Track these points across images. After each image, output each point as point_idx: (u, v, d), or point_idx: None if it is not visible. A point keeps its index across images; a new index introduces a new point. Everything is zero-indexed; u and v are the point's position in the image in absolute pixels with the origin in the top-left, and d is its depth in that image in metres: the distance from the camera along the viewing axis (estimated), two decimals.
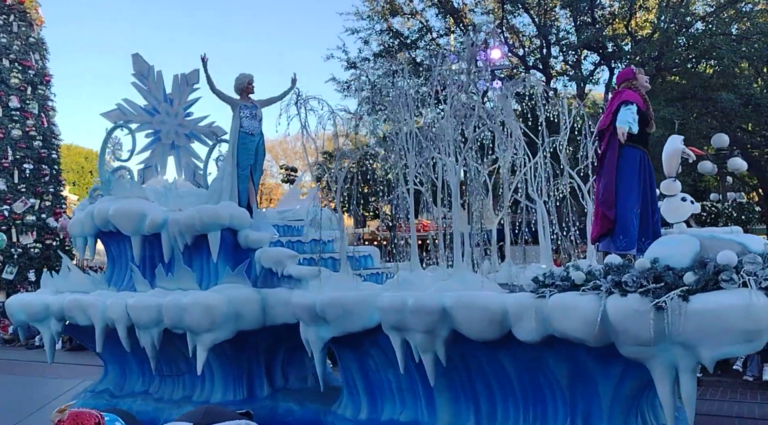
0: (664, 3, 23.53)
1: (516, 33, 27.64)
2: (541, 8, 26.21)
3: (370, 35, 27.99)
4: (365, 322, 5.72)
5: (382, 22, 28.33)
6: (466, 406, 5.57)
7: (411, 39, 28.10)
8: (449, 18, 27.61)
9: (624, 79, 5.55)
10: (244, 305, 6.63)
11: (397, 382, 5.98)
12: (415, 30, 28.60)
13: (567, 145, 6.81)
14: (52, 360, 7.85)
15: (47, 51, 23.25)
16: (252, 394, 7.21)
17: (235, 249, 7.30)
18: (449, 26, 28.30)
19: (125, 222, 7.48)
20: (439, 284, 5.46)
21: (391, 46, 27.94)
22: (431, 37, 28.32)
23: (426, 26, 28.13)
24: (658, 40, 22.30)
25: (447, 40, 28.85)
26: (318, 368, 6.12)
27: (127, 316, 6.86)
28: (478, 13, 28.20)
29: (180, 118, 9.00)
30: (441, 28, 28.42)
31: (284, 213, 8.38)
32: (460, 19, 27.63)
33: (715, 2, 24.09)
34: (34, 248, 21.93)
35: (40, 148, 22.04)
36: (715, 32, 21.35)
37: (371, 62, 28.05)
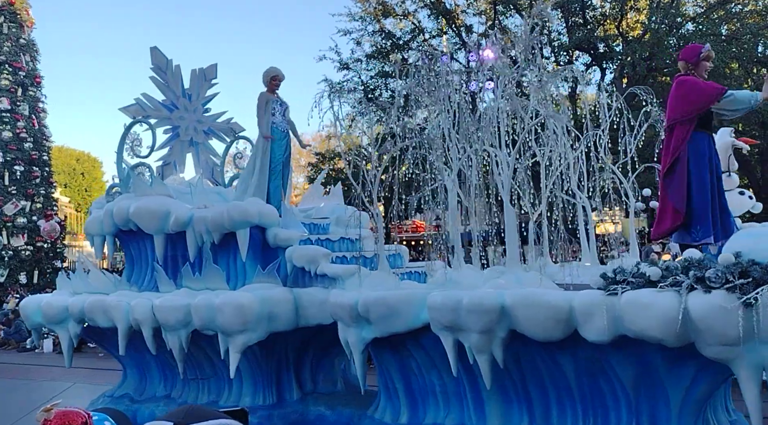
0: (654, 4, 23.64)
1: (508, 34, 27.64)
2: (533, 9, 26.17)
3: (363, 36, 27.94)
4: (411, 322, 5.47)
5: (374, 23, 28.27)
6: (519, 410, 5.34)
7: (403, 40, 28.00)
8: (441, 19, 27.57)
9: (685, 57, 5.34)
10: (277, 305, 6.38)
11: (442, 385, 5.75)
12: (408, 31, 28.55)
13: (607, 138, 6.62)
14: (70, 364, 7.54)
15: (38, 52, 22.94)
16: (281, 398, 6.95)
17: (263, 247, 7.05)
18: (441, 27, 28.26)
19: (148, 220, 7.20)
20: (493, 282, 5.23)
21: (384, 47, 27.84)
22: (423, 37, 28.25)
23: (418, 27, 28.09)
24: (649, 40, 22.41)
25: (439, 40, 28.80)
26: (358, 370, 5.87)
27: (153, 317, 6.59)
28: (471, 14, 28.22)
29: (198, 113, 8.74)
30: (433, 29, 28.40)
31: (308, 211, 8.13)
32: (452, 20, 27.60)
33: (705, 3, 24.28)
34: (24, 250, 21.51)
35: (31, 150, 21.68)
36: (705, 33, 21.51)
37: (364, 63, 27.97)
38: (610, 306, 4.37)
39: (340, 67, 27.73)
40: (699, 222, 4.97)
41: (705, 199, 4.98)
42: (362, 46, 27.74)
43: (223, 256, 7.08)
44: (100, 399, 7.71)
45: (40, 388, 11.19)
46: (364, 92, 28.01)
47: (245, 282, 6.88)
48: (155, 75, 8.38)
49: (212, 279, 6.70)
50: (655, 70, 22.76)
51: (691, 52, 5.45)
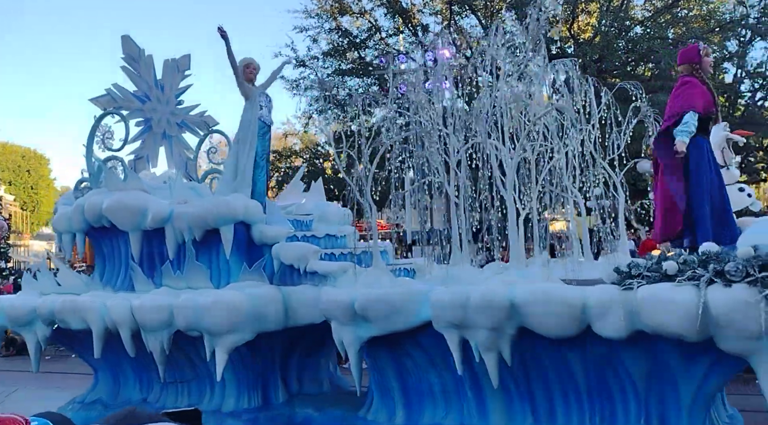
0: (604, 8, 24.07)
1: (463, 34, 27.76)
2: (488, 10, 26.43)
3: (319, 34, 27.60)
4: (412, 320, 5.32)
5: (330, 21, 27.97)
6: (522, 408, 5.25)
7: (360, 38, 27.81)
8: (398, 18, 27.47)
9: (687, 60, 5.30)
10: (266, 304, 6.13)
11: (441, 384, 5.62)
12: (364, 29, 28.35)
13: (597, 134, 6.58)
14: (38, 368, 7.12)
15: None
16: (267, 401, 6.70)
17: (247, 244, 6.78)
18: (398, 26, 28.18)
19: (123, 216, 6.85)
20: (497, 278, 5.11)
21: (341, 45, 27.62)
22: (380, 36, 28.12)
23: (375, 26, 27.90)
24: (599, 43, 22.83)
25: (396, 39, 28.74)
26: (354, 371, 5.68)
27: (132, 318, 6.25)
28: (427, 13, 28.23)
29: (171, 105, 8.37)
30: (390, 28, 28.28)
31: (289, 207, 7.88)
32: (408, 20, 27.53)
33: (652, 7, 24.85)
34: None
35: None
36: (653, 36, 22.09)
37: (320, 61, 27.67)
38: (626, 302, 4.29)
39: (296, 64, 27.34)
40: (699, 227, 4.96)
41: (705, 202, 4.98)
42: (319, 44, 27.42)
43: (204, 254, 6.78)
44: (69, 406, 7.31)
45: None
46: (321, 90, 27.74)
47: (229, 281, 6.61)
48: (127, 65, 7.99)
49: (195, 277, 6.41)
50: (605, 72, 23.18)
51: (692, 52, 5.45)
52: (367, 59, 27.55)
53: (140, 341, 6.41)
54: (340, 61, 27.54)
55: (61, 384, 11.74)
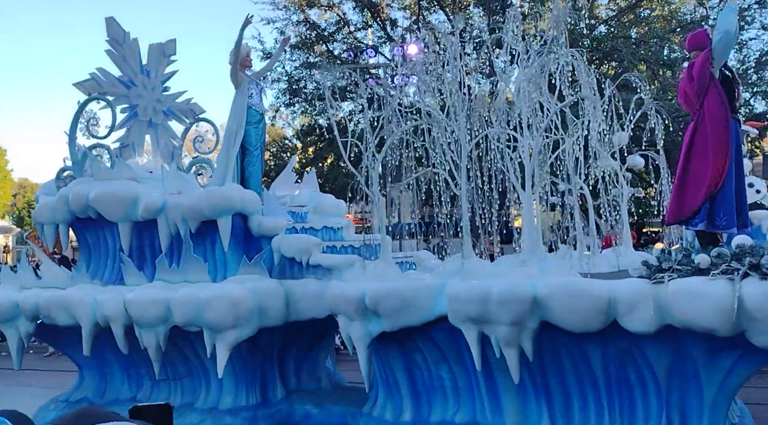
0: (570, 6, 24.27)
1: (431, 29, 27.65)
2: (456, 6, 26.40)
3: (287, 26, 27.20)
4: (425, 315, 5.16)
5: (298, 13, 27.60)
6: (537, 404, 5.14)
7: (328, 32, 27.50)
8: (367, 12, 27.24)
9: (697, 46, 5.18)
10: (268, 298, 5.89)
11: (452, 380, 5.47)
12: (333, 23, 28.04)
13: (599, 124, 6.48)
14: (20, 366, 6.73)
15: None
16: (265, 398, 6.47)
17: (245, 236, 6.52)
18: (367, 20, 27.94)
19: (112, 207, 6.52)
20: (516, 272, 4.98)
21: (308, 37, 27.27)
22: (349, 30, 27.86)
23: (343, 19, 27.63)
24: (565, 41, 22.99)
25: (365, 33, 28.50)
26: (363, 368, 5.48)
27: (125, 313, 5.95)
28: (395, 8, 28.05)
29: (157, 92, 8.02)
30: (358, 22, 28.03)
31: (282, 198, 7.62)
32: (377, 14, 27.33)
33: (616, 7, 25.16)
34: None
35: None
36: (617, 35, 22.39)
37: (288, 53, 27.27)
38: (656, 296, 4.20)
39: (263, 56, 26.87)
40: (723, 210, 4.87)
41: (731, 188, 4.89)
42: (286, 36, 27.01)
43: (198, 246, 6.48)
44: (52, 405, 6.95)
45: None
46: (288, 83, 27.34)
47: (225, 274, 6.34)
48: (111, 48, 7.60)
49: (192, 271, 6.13)
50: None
51: (702, 38, 5.32)
52: (335, 53, 27.25)
53: (131, 337, 6.11)
54: (308, 54, 27.21)
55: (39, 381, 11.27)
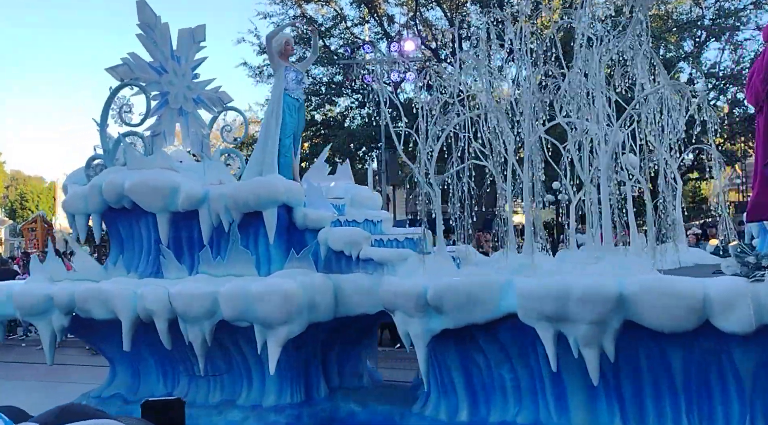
0: (567, 4, 24.08)
1: (429, 26, 27.40)
2: (453, 3, 26.11)
3: (284, 20, 26.77)
4: (491, 312, 4.87)
5: (295, 8, 27.21)
6: (608, 405, 4.86)
7: (325, 27, 27.07)
8: (364, 7, 26.85)
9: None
10: (317, 293, 5.58)
11: (514, 380, 5.19)
12: (330, 18, 27.63)
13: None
14: (52, 360, 6.36)
15: None
16: (309, 396, 6.15)
17: (288, 229, 6.18)
18: (363, 16, 27.56)
19: (150, 197, 6.17)
20: (591, 268, 4.70)
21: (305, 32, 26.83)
22: (346, 25, 27.48)
23: (340, 14, 27.27)
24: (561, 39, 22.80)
25: (361, 29, 28.10)
26: (422, 366, 5.18)
27: (169, 307, 5.60)
28: (393, 4, 27.68)
29: (188, 79, 7.62)
30: (356, 17, 27.65)
31: None
32: (374, 9, 26.95)
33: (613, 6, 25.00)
34: None
35: None
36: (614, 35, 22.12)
37: None
38: (755, 295, 3.94)
39: (260, 50, 26.43)
40: None
41: None
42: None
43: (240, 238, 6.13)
44: (83, 401, 6.57)
45: None
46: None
47: (269, 268, 6.01)
48: (142, 32, 7.20)
49: (239, 264, 5.79)
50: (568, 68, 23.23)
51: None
52: (332, 48, 26.84)
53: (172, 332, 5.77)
54: (305, 49, 26.79)
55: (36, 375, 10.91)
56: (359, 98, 26.24)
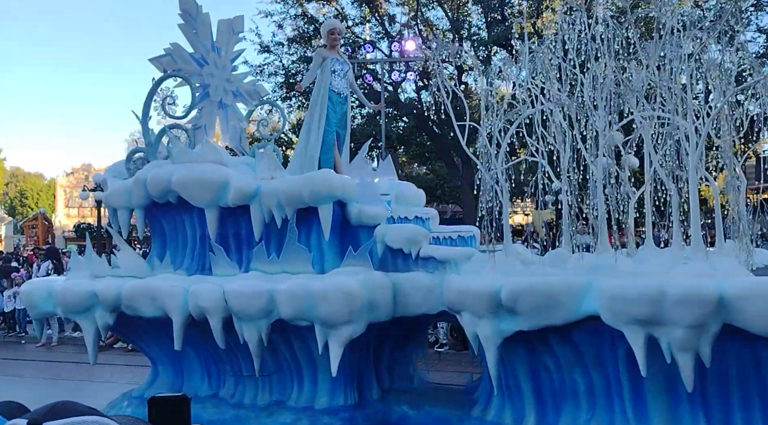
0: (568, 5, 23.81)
1: (430, 26, 27.06)
2: (454, 3, 25.78)
3: (285, 19, 26.37)
4: (570, 314, 4.54)
5: (296, 7, 26.76)
6: (692, 412, 4.54)
7: None
8: (365, 7, 26.45)
9: None
10: (377, 292, 5.23)
11: (588, 384, 4.86)
12: (331, 17, 27.18)
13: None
14: (95, 359, 5.97)
15: None
16: (362, 398, 5.79)
17: (342, 225, 5.81)
18: (365, 15, 27.17)
19: (199, 191, 5.79)
20: (680, 269, 4.38)
21: (306, 31, 26.44)
22: (347, 25, 27.05)
23: (341, 14, 26.83)
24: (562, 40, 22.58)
25: (362, 28, 27.70)
26: (492, 369, 4.85)
27: (224, 305, 5.22)
28: (394, 3, 27.31)
29: (227, 71, 7.23)
30: (357, 17, 27.25)
31: None
32: (375, 9, 26.56)
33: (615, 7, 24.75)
34: None
35: None
36: (615, 35, 21.89)
37: (285, 47, 26.44)
38: None
39: (260, 49, 26.00)
40: None
41: None
42: (284, 30, 26.16)
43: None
44: (124, 401, 6.19)
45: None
46: (285, 77, 26.43)
47: (323, 266, 5.64)
48: (184, 22, 6.80)
49: (295, 261, 5.43)
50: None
51: None
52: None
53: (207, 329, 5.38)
54: (306, 48, 26.37)
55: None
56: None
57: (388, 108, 23.55)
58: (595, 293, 4.46)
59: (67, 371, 10.88)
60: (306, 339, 5.56)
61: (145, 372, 6.70)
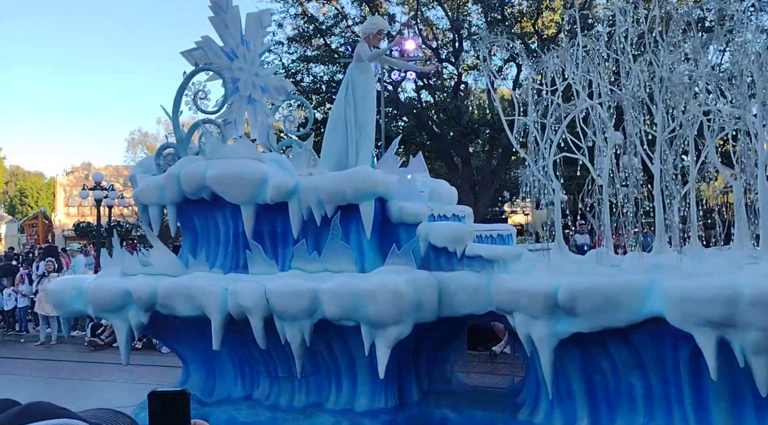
0: (568, 5, 23.62)
1: (430, 25, 26.81)
2: (454, 2, 25.54)
3: (285, 19, 25.98)
4: (632, 315, 4.32)
5: (296, 6, 26.38)
6: (757, 416, 4.31)
7: (326, 25, 26.29)
8: (365, 6, 26.15)
9: None
10: (423, 292, 4.97)
11: (646, 387, 4.64)
12: (331, 16, 26.86)
13: None
14: (128, 359, 5.67)
15: None
16: (402, 400, 5.53)
17: (382, 223, 5.55)
18: (365, 14, 26.85)
19: (235, 187, 5.51)
20: (749, 269, 4.15)
21: (306, 31, 26.10)
22: (347, 24, 26.73)
23: (341, 13, 26.50)
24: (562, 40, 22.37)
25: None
26: (546, 372, 4.61)
27: (266, 305, 4.95)
28: (394, 2, 27.03)
29: (256, 66, 6.94)
30: (357, 16, 26.92)
31: None
32: (375, 8, 26.27)
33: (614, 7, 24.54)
34: None
35: None
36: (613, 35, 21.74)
37: (285, 46, 26.11)
38: None
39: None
40: None
41: None
42: (284, 29, 25.80)
43: (328, 233, 5.49)
44: None
45: None
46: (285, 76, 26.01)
47: (363, 264, 5.38)
48: (214, 15, 6.51)
49: (338, 259, 5.17)
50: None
51: None
52: (333, 46, 26.10)
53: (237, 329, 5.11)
54: (306, 47, 26.03)
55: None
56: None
57: (387, 107, 23.27)
58: (659, 293, 4.24)
59: (66, 370, 10.66)
60: (346, 339, 5.31)
61: (144, 370, 6.45)
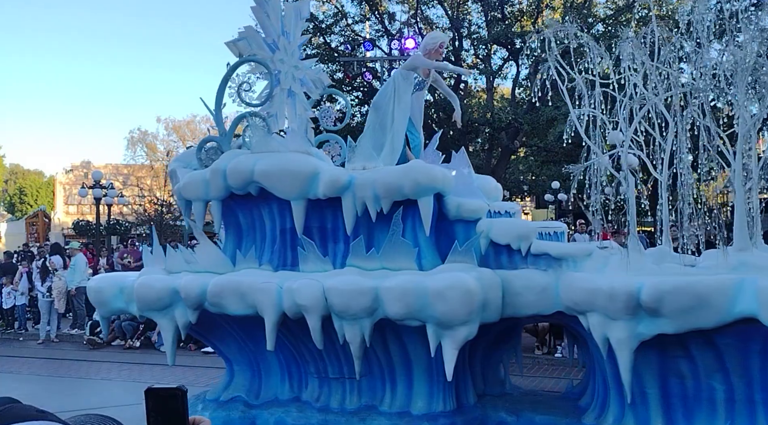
0: (568, 4, 23.32)
1: (429, 24, 26.41)
2: (454, 1, 25.16)
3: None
4: (721, 316, 3.98)
5: None
6: None
7: (326, 24, 25.81)
8: (365, 5, 25.70)
9: None
10: (489, 291, 4.59)
11: (728, 391, 4.29)
12: (330, 15, 26.38)
13: None
14: (174, 360, 5.25)
15: None
16: (460, 403, 5.15)
17: (438, 219, 5.15)
18: (364, 13, 26.42)
19: (285, 182, 5.11)
20: None
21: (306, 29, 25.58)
22: (346, 22, 26.26)
23: (341, 11, 26.02)
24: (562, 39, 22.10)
25: (362, 26, 26.94)
26: (624, 375, 4.25)
27: (324, 303, 4.55)
28: (394, 1, 26.62)
29: (295, 58, 6.53)
30: (357, 15, 26.48)
31: None
32: (375, 7, 25.83)
33: (614, 6, 24.25)
34: None
35: None
36: (614, 35, 21.54)
37: None
38: None
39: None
40: None
41: None
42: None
43: (383, 230, 5.10)
44: (199, 405, 5.48)
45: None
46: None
47: (420, 261, 4.98)
48: (256, 4, 6.09)
49: (398, 257, 4.80)
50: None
51: None
52: (332, 45, 25.63)
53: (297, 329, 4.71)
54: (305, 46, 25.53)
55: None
56: (359, 96, 25.02)
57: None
58: (751, 293, 3.87)
59: (66, 368, 10.36)
60: (403, 339, 4.93)
61: (143, 369, 6.05)
